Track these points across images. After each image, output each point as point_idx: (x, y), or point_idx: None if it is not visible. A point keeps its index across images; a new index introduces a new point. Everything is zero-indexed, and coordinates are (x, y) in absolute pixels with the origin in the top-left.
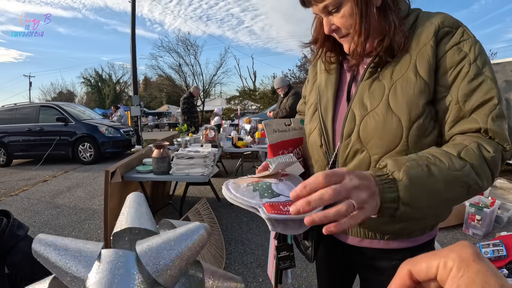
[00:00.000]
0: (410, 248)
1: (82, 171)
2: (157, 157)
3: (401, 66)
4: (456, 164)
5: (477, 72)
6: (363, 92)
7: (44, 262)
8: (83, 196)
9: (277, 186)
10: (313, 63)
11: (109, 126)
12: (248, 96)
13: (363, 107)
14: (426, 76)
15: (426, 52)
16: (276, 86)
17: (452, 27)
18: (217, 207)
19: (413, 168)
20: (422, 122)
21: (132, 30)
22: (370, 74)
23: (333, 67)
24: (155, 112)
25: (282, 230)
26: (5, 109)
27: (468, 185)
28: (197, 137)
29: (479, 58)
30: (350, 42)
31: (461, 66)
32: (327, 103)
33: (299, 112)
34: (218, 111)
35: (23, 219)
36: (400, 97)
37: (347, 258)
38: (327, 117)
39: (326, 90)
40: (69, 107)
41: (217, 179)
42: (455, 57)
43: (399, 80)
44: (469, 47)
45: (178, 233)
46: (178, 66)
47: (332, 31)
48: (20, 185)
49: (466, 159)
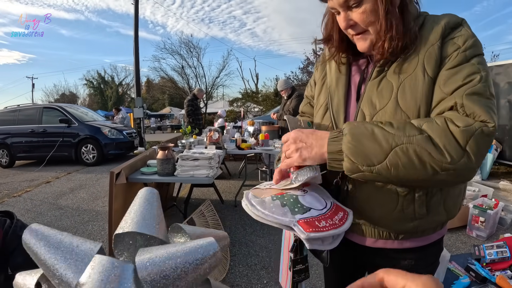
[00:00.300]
0: (422, 247)
1: (85, 172)
2: (162, 159)
3: (409, 65)
4: (407, 131)
5: (463, 60)
6: (371, 91)
7: (33, 256)
8: (86, 197)
9: (305, 199)
10: (322, 63)
11: (112, 127)
12: (251, 98)
13: (372, 106)
14: (434, 74)
15: (433, 52)
16: (279, 88)
17: (455, 25)
18: (220, 209)
19: (358, 128)
20: None
21: (135, 33)
22: (378, 73)
23: (343, 68)
24: (158, 114)
25: (319, 246)
26: (8, 111)
27: (419, 155)
28: (201, 139)
29: (469, 50)
30: (366, 39)
31: (452, 56)
32: (339, 104)
33: (303, 113)
34: (222, 113)
35: (26, 220)
36: (409, 95)
37: (359, 259)
38: (339, 117)
39: (337, 90)
40: (72, 108)
41: (221, 181)
42: (449, 49)
43: (407, 79)
44: (463, 41)
45: (187, 248)
46: (181, 68)
47: (349, 26)
48: (23, 186)
49: (426, 130)
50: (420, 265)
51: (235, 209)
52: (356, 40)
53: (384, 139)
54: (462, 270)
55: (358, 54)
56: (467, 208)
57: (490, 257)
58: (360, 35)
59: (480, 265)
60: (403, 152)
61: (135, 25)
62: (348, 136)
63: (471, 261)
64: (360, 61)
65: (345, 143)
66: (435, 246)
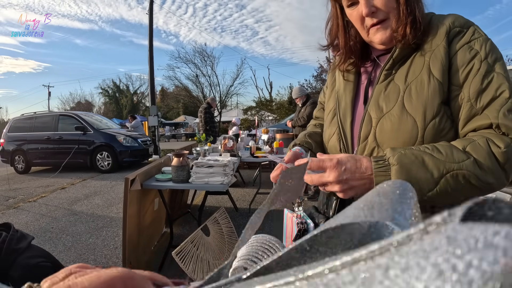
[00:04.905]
0: None
1: (100, 179)
2: (176, 166)
3: (415, 68)
4: (455, 157)
5: (488, 69)
6: (378, 95)
7: None
8: (100, 203)
9: None
10: (332, 70)
11: (127, 135)
12: (265, 107)
13: (379, 109)
14: (440, 76)
15: (439, 53)
16: (294, 96)
17: (463, 27)
18: (235, 216)
19: (406, 156)
20: (438, 122)
21: (149, 42)
22: (385, 77)
23: (351, 74)
24: (172, 122)
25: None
26: (25, 118)
27: (467, 180)
28: (215, 147)
29: (490, 55)
30: (386, 28)
31: (472, 63)
32: (346, 108)
33: (316, 118)
34: (236, 121)
35: (41, 225)
36: (415, 98)
37: None
38: (346, 122)
39: (344, 95)
40: (88, 116)
41: (235, 189)
42: (467, 55)
43: (414, 82)
44: (480, 45)
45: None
46: (195, 77)
47: (371, 13)
48: (39, 192)
49: (471, 153)
50: None
51: (249, 217)
52: (375, 31)
53: (436, 167)
54: None
55: (365, 57)
56: None
57: None
58: (380, 24)
59: None
60: (453, 178)
61: (149, 35)
62: (397, 166)
63: None
64: (368, 64)
65: (394, 174)
66: None
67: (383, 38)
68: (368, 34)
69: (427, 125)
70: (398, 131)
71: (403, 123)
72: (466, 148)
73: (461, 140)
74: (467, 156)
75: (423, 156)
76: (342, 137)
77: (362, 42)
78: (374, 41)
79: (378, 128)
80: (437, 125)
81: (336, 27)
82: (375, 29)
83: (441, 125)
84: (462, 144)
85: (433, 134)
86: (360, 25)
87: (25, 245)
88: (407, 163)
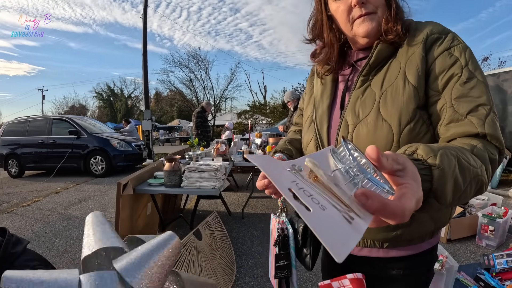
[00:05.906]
0: (411, 256)
1: (94, 183)
2: (168, 170)
3: (391, 74)
4: (476, 161)
5: (470, 76)
6: (355, 101)
7: None
8: (94, 208)
9: None
10: (310, 76)
11: (121, 139)
12: (259, 111)
13: (355, 115)
14: (415, 82)
15: (414, 60)
16: (286, 100)
17: (441, 34)
18: (228, 220)
19: (446, 156)
20: (413, 127)
21: (143, 46)
22: (362, 83)
23: (328, 80)
24: (166, 126)
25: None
26: (19, 121)
27: (481, 184)
28: (208, 151)
29: (470, 62)
30: (372, 20)
31: (453, 70)
32: (322, 115)
33: (296, 124)
34: (229, 125)
35: (35, 229)
36: (390, 104)
37: (347, 269)
38: (322, 128)
39: (321, 102)
40: (82, 120)
41: (228, 193)
42: (447, 61)
43: (389, 88)
44: (460, 52)
45: (154, 244)
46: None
47: (361, 3)
48: (32, 196)
49: (480, 158)
50: (409, 275)
51: (242, 221)
52: (361, 22)
53: (468, 172)
54: (471, 280)
55: (343, 63)
56: (476, 217)
57: (500, 266)
58: (367, 15)
59: (489, 275)
60: (477, 184)
61: (143, 39)
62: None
63: (481, 271)
64: (346, 70)
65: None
66: (425, 256)
67: (368, 29)
68: (352, 27)
69: (402, 130)
70: (374, 137)
71: (379, 128)
72: (474, 152)
73: (461, 144)
74: (479, 161)
75: (459, 158)
76: (319, 143)
77: (341, 46)
78: (359, 33)
79: (355, 134)
80: (412, 129)
81: (321, 22)
82: (361, 20)
83: (416, 129)
84: (469, 148)
85: (408, 139)
86: (346, 17)
87: (21, 249)
88: (448, 165)
